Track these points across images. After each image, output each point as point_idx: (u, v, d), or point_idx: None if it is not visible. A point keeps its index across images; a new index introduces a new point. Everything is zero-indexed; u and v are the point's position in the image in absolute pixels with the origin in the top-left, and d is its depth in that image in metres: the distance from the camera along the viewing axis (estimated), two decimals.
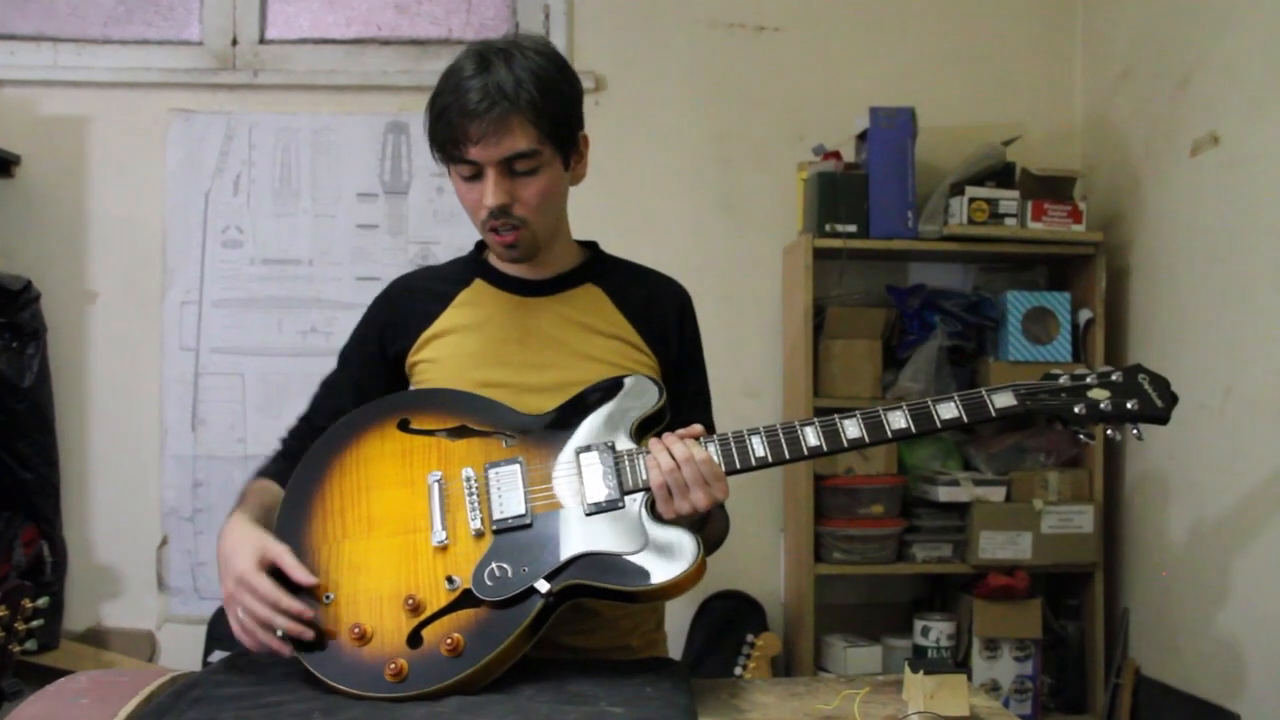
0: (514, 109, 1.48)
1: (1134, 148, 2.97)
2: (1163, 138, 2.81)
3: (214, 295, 3.13)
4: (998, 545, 2.88)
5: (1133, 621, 2.88)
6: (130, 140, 3.13)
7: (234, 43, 3.18)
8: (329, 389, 1.73)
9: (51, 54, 3.15)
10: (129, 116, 3.13)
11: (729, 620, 3.06)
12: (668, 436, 1.47)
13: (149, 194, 3.14)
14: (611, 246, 1.77)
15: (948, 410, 1.48)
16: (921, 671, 1.41)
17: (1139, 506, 2.91)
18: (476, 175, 1.53)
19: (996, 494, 2.91)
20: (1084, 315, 2.98)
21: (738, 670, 2.95)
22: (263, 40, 3.20)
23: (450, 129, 1.50)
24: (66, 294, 3.08)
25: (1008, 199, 2.92)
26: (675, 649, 2.98)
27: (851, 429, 1.48)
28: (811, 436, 1.48)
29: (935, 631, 2.91)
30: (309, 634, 1.38)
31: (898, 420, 1.48)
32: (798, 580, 2.97)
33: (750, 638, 2.99)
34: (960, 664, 2.88)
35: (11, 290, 2.88)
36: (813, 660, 2.94)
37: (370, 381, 1.68)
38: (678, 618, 3.00)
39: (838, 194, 2.93)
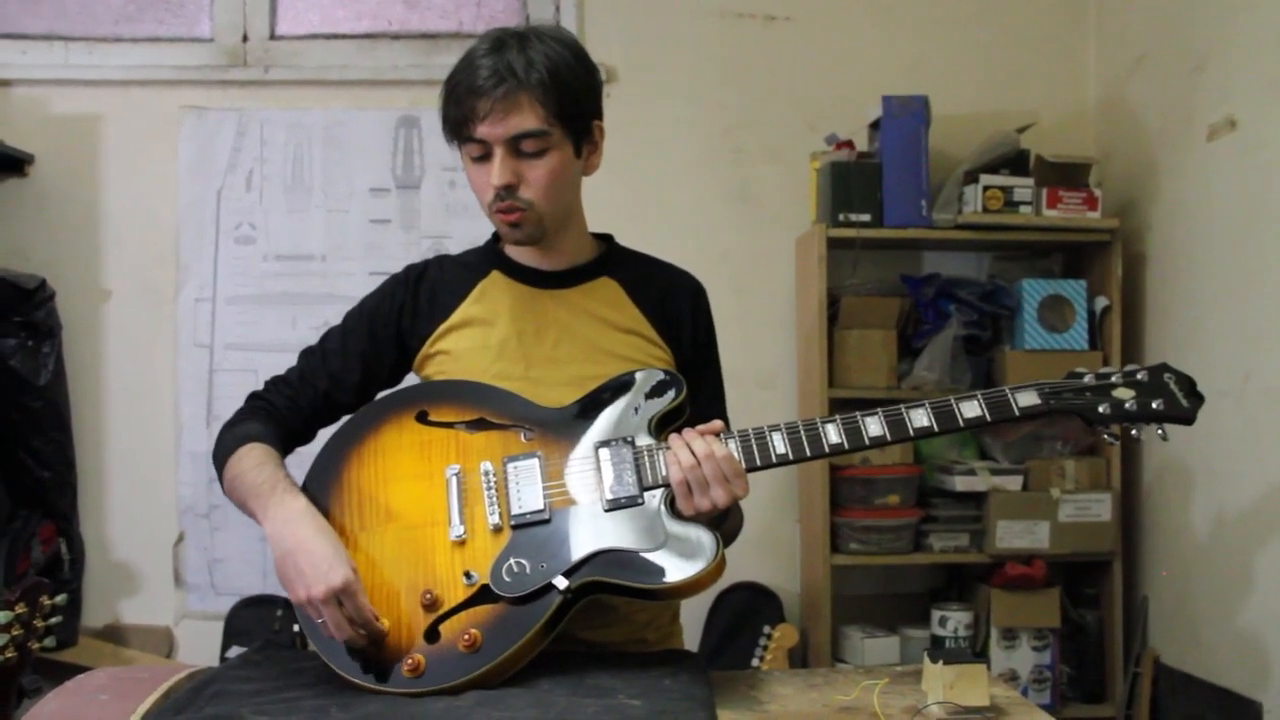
0: (522, 87, 1.48)
1: (1149, 133, 2.95)
2: (1178, 123, 2.79)
3: (227, 292, 3.14)
4: (1015, 534, 2.86)
5: (1152, 610, 2.86)
6: (142, 138, 3.14)
7: (244, 39, 3.18)
8: (331, 355, 1.66)
9: (63, 53, 3.16)
10: (141, 114, 3.14)
11: (745, 612, 3.05)
12: (688, 432, 1.47)
13: (162, 191, 3.14)
14: (624, 238, 1.77)
15: (971, 409, 1.47)
16: (941, 662, 1.40)
17: (1157, 494, 2.89)
18: (485, 156, 1.53)
19: (1013, 483, 2.90)
20: (1100, 303, 2.96)
21: (755, 662, 2.94)
22: (273, 36, 3.20)
23: (459, 106, 1.51)
24: (81, 292, 3.09)
25: (1022, 186, 2.90)
26: (691, 641, 2.98)
27: (873, 426, 1.47)
28: (833, 434, 1.47)
29: (953, 621, 2.90)
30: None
31: (920, 418, 1.47)
32: (814, 571, 2.96)
33: (767, 629, 2.98)
34: (978, 654, 2.87)
35: (26, 289, 2.89)
36: (830, 651, 2.93)
37: (378, 357, 1.66)
38: (694, 610, 2.99)
39: (851, 183, 2.91)
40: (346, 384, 1.64)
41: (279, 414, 1.63)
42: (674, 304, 1.70)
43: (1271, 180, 2.44)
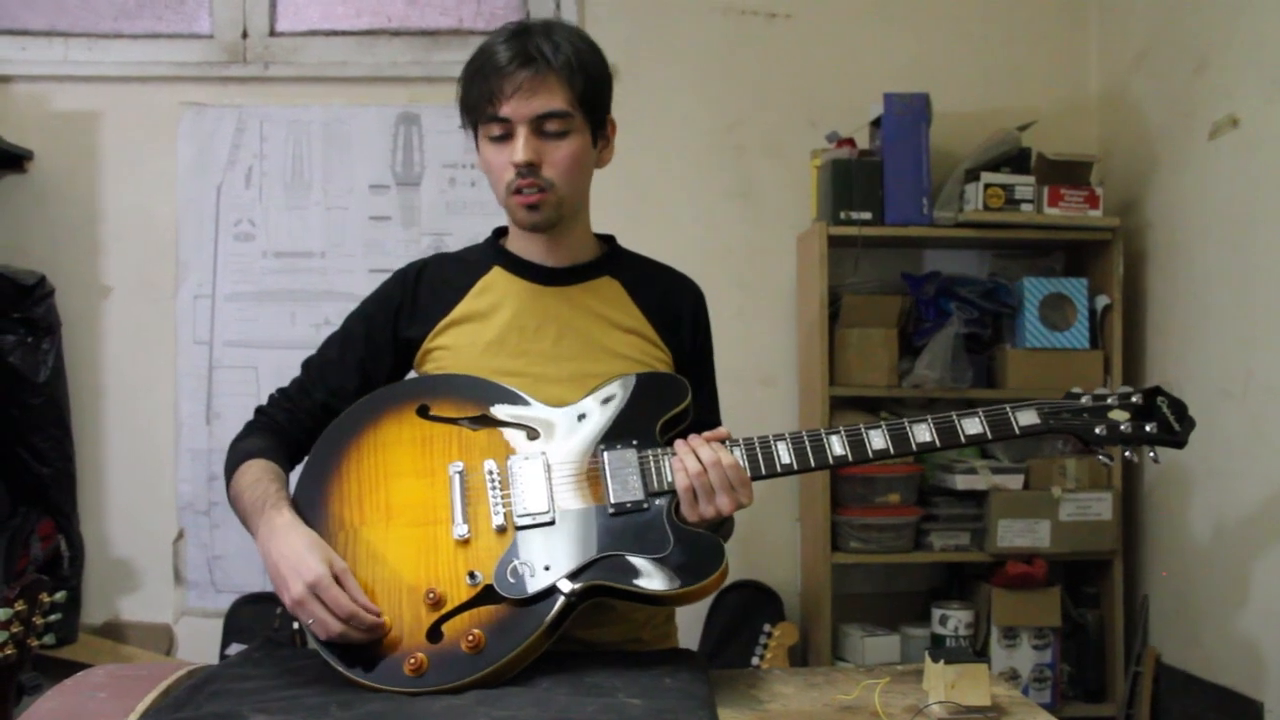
0: (550, 68, 1.52)
1: (1151, 131, 2.94)
2: (1180, 121, 2.78)
3: (227, 289, 3.13)
4: (1016, 533, 2.86)
5: (1153, 609, 2.86)
6: (142, 134, 3.13)
7: (244, 35, 3.17)
8: (329, 365, 1.68)
9: (63, 49, 3.15)
10: (140, 111, 3.13)
11: (745, 610, 3.05)
12: (693, 439, 1.47)
13: (161, 188, 3.13)
14: (625, 235, 1.77)
15: (973, 426, 1.50)
16: (942, 661, 1.40)
17: (1159, 493, 2.88)
18: (505, 136, 1.54)
19: (1014, 482, 2.89)
20: (1101, 301, 2.96)
21: (755, 660, 2.94)
22: (273, 32, 3.19)
23: (485, 84, 1.53)
24: (80, 289, 3.08)
25: (1023, 184, 2.89)
26: (692, 639, 2.98)
27: (877, 440, 1.49)
28: (837, 446, 1.49)
29: (953, 620, 2.89)
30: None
31: (923, 433, 1.50)
32: (814, 570, 2.96)
33: (767, 628, 2.98)
34: (979, 653, 2.87)
35: (26, 285, 2.88)
36: (830, 650, 2.93)
37: (376, 361, 1.66)
38: (694, 608, 2.98)
39: (852, 181, 2.91)
40: (345, 393, 1.63)
41: (280, 428, 1.64)
42: (675, 306, 1.71)
43: (1273, 179, 2.43)
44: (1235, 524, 2.55)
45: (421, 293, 1.67)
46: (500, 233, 1.73)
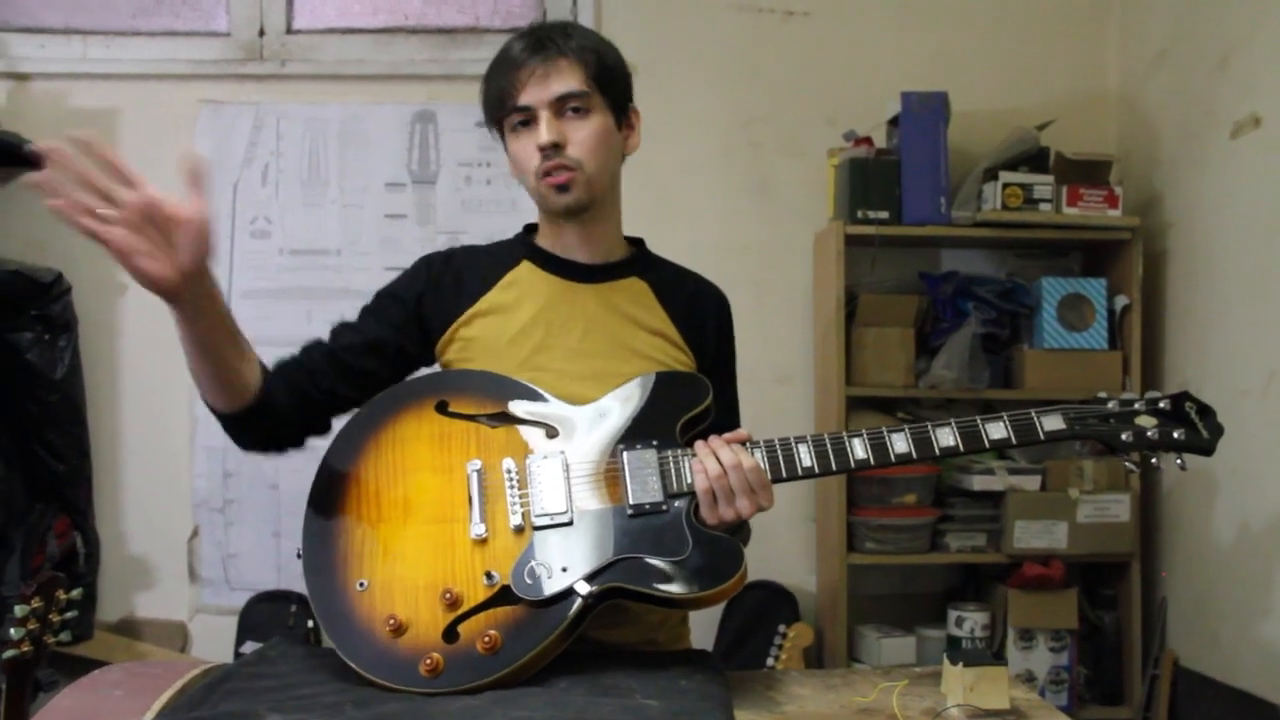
0: (560, 53, 1.55)
1: (1171, 130, 2.92)
2: (1201, 119, 2.76)
3: (243, 286, 3.13)
4: (1033, 535, 2.84)
5: (1171, 611, 2.84)
6: (159, 132, 3.13)
7: (261, 33, 3.17)
8: (345, 325, 1.66)
9: (81, 47, 3.16)
10: (158, 108, 3.13)
11: (761, 611, 3.04)
12: (714, 440, 1.46)
13: (178, 185, 3.12)
14: (642, 232, 1.76)
15: (997, 430, 1.48)
16: (961, 663, 1.39)
17: (1177, 495, 2.86)
18: (527, 123, 1.57)
19: (1031, 483, 2.87)
20: (1120, 301, 2.94)
21: (770, 661, 2.93)
22: (290, 30, 3.19)
23: (502, 79, 1.57)
24: (97, 286, 3.09)
25: (1042, 184, 2.88)
26: (706, 639, 2.97)
27: (900, 444, 1.48)
28: (859, 449, 1.48)
29: (970, 622, 2.88)
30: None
31: (946, 438, 1.48)
32: (830, 570, 2.95)
33: (782, 628, 2.97)
34: (995, 655, 2.85)
35: (43, 283, 2.89)
36: (845, 651, 2.92)
37: (390, 341, 1.63)
38: (709, 609, 2.97)
39: (869, 180, 2.89)
40: (353, 348, 1.61)
41: (281, 362, 1.61)
42: (700, 312, 1.71)
43: None
44: (1255, 526, 2.53)
45: (448, 280, 1.66)
46: (530, 230, 1.73)
